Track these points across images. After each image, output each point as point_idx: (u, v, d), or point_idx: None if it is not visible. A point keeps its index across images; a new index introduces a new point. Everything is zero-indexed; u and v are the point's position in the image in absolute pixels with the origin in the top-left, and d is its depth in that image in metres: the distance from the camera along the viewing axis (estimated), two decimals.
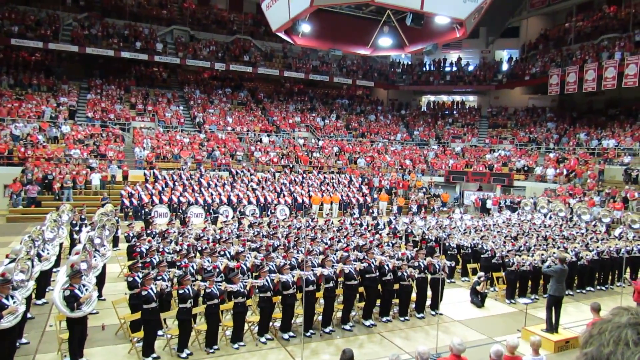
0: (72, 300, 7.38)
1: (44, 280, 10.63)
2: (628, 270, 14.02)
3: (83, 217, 15.80)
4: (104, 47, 29.92)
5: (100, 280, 10.65)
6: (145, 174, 23.73)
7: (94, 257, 10.28)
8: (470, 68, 39.01)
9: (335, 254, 11.18)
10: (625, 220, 20.09)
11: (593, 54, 30.07)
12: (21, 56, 30.74)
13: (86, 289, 7.84)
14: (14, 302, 7.20)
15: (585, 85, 29.16)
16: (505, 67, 37.96)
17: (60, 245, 12.77)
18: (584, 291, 13.11)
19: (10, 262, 8.40)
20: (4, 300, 7.02)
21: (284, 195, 24.16)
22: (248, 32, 36.59)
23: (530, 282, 12.31)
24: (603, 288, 13.53)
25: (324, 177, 27.39)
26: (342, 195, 25.28)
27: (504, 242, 14.27)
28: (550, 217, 21.81)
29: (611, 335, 0.82)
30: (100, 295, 10.14)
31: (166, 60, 32.32)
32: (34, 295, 9.92)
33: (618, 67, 27.31)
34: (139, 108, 30.16)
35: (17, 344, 7.77)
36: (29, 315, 9.02)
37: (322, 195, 24.75)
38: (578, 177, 26.19)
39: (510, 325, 10.13)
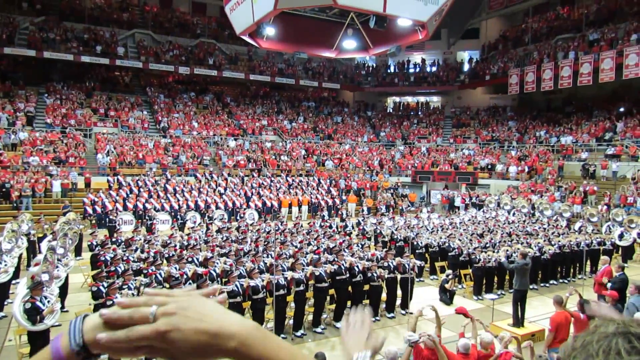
0: (33, 313, 7.14)
1: (2, 293, 10.26)
2: (588, 262, 14.51)
3: (45, 225, 15.39)
4: (62, 52, 29.06)
5: (63, 291, 10.32)
6: (108, 181, 23.18)
7: (57, 267, 9.98)
8: (433, 69, 39.70)
9: (305, 257, 11.18)
10: (584, 214, 20.81)
11: (550, 53, 31.05)
12: None
13: (48, 301, 7.59)
14: None
15: (543, 84, 30.10)
16: (466, 67, 38.80)
17: (20, 256, 12.35)
18: (547, 285, 13.50)
19: None
20: None
21: (253, 200, 24.00)
22: (212, 35, 36.23)
23: (496, 278, 12.60)
24: (565, 281, 13.96)
25: (292, 180, 27.35)
26: (311, 198, 25.30)
27: (470, 240, 14.55)
28: (513, 214, 22.38)
29: (599, 345, 0.77)
30: (62, 307, 9.84)
31: (128, 65, 31.69)
32: None
33: (573, 66, 28.29)
34: (100, 113, 29.44)
35: None
36: None
37: (291, 197, 24.70)
38: (539, 174, 26.97)
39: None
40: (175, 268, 10.30)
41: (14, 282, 11.12)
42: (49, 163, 23.23)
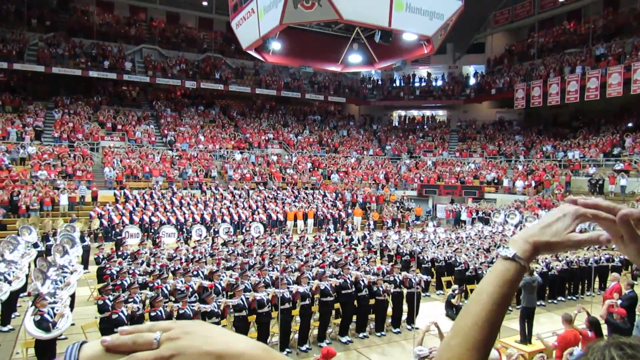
0: (44, 323, 7.22)
1: (9, 307, 10.30)
2: (597, 279, 14.35)
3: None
4: (71, 67, 29.44)
5: (70, 304, 10.35)
6: (115, 194, 23.28)
7: (64, 275, 10.10)
8: (439, 83, 39.83)
9: (311, 271, 11.14)
10: (592, 230, 20.59)
11: (556, 68, 31.06)
12: None
13: (55, 310, 7.67)
14: None
15: (549, 98, 30.06)
16: (472, 81, 38.88)
17: (29, 265, 12.48)
18: (555, 301, 13.34)
19: None
20: None
21: (258, 213, 24.00)
22: (218, 50, 36.59)
23: None
24: (574, 298, 13.80)
25: (298, 193, 27.36)
26: (316, 211, 25.27)
27: (477, 255, 14.45)
28: (520, 229, 22.22)
29: (594, 356, 0.82)
30: None
31: (136, 79, 32.02)
32: None
33: (580, 81, 28.25)
34: (108, 127, 29.68)
35: None
36: None
37: (296, 210, 24.68)
38: (546, 188, 26.82)
39: None
40: (181, 281, 10.29)
41: (21, 295, 11.18)
42: (56, 177, 23.40)
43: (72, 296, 10.57)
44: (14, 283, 10.27)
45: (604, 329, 7.57)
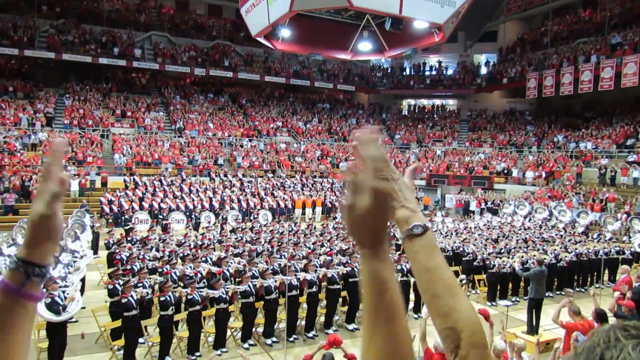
0: (55, 306, 7.33)
1: None
2: (606, 271, 14.26)
3: None
4: (81, 54, 29.52)
5: (80, 288, 10.49)
6: (125, 181, 23.45)
7: (75, 260, 10.21)
8: (450, 72, 39.45)
9: (318, 259, 11.18)
10: (603, 222, 20.46)
11: (570, 57, 30.59)
12: None
13: (67, 293, 7.78)
14: None
15: (562, 88, 29.62)
16: (483, 70, 38.46)
17: None
18: (563, 293, 13.27)
19: None
20: None
21: (266, 200, 24.07)
22: (228, 37, 36.47)
23: (510, 285, 12.44)
24: (582, 290, 13.73)
25: (306, 181, 27.39)
26: (324, 199, 25.29)
27: (485, 245, 14.41)
28: (529, 220, 22.09)
29: (599, 338, 0.83)
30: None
31: (145, 66, 32.06)
32: None
33: (594, 70, 27.77)
34: (117, 114, 29.82)
35: None
36: None
37: (305, 198, 24.72)
38: (556, 179, 26.58)
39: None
40: (190, 267, 10.38)
41: None
42: (67, 163, 23.58)
43: (83, 280, 10.70)
44: None
45: (612, 322, 7.52)
